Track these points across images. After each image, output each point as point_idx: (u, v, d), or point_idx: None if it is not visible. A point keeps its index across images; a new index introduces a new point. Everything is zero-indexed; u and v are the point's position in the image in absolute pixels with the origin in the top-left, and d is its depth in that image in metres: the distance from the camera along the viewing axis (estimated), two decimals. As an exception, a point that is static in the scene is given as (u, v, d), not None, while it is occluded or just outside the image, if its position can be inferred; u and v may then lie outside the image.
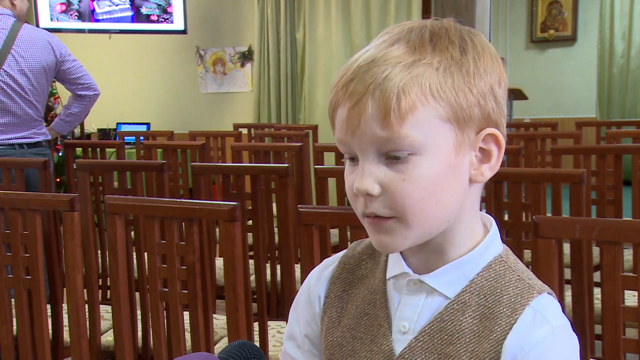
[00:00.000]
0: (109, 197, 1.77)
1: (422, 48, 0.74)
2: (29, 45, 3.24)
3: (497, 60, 0.78)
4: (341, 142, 0.77)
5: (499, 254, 0.81)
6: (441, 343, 0.78)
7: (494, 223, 0.83)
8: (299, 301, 0.93)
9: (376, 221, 0.76)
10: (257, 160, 3.32)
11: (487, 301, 0.78)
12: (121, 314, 1.75)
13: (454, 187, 0.75)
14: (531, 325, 0.75)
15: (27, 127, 3.29)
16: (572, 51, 7.96)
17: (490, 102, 0.76)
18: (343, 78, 0.76)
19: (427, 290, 0.80)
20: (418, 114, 0.72)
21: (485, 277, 0.79)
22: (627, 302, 1.36)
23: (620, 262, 1.29)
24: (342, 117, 0.75)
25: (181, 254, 1.66)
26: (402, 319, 0.81)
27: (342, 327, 0.86)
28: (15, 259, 1.80)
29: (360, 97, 0.73)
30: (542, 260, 1.35)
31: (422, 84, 0.72)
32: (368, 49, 0.77)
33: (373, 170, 0.74)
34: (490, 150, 0.77)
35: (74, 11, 6.25)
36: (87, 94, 3.46)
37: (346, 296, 0.88)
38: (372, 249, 0.88)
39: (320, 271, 0.92)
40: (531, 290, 0.78)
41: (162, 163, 2.47)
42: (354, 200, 0.77)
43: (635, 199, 2.77)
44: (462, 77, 0.73)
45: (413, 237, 0.76)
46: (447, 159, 0.74)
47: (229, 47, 6.89)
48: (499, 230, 0.83)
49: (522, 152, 2.81)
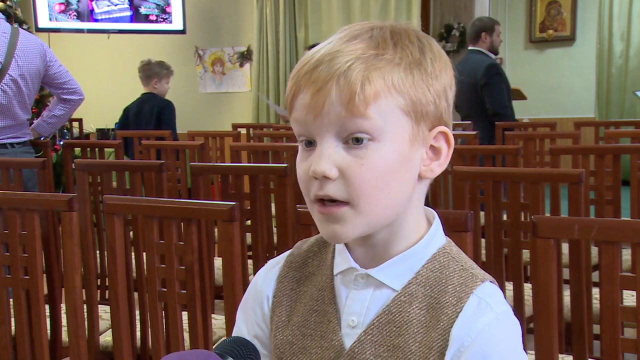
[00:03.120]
0: (108, 197, 1.77)
1: (384, 44, 0.77)
2: (28, 50, 3.28)
3: (450, 66, 0.82)
4: (299, 123, 0.78)
5: (442, 246, 0.83)
6: (390, 335, 0.80)
7: (437, 216, 0.85)
8: (246, 302, 0.93)
9: (328, 209, 0.77)
10: (255, 160, 3.31)
11: (433, 291, 0.80)
12: (120, 314, 1.75)
13: (405, 179, 0.78)
14: (476, 313, 0.78)
15: (19, 128, 3.35)
16: (570, 51, 7.96)
17: (443, 103, 0.79)
18: (305, 67, 0.77)
19: (375, 284, 0.82)
20: (380, 102, 0.75)
21: (430, 268, 0.81)
22: (626, 302, 1.36)
23: (618, 262, 1.29)
24: (303, 101, 0.77)
25: (180, 254, 1.66)
26: (350, 314, 0.83)
27: (292, 325, 0.87)
28: (13, 259, 1.80)
29: (324, 83, 0.75)
30: (540, 260, 1.35)
31: (385, 77, 0.75)
32: (330, 41, 0.79)
33: (331, 153, 0.76)
34: (440, 147, 0.80)
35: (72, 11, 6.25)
36: (71, 98, 3.51)
37: (294, 294, 0.88)
38: (318, 246, 0.90)
39: (266, 271, 0.93)
40: (474, 279, 0.80)
41: (160, 163, 2.47)
42: (308, 184, 0.78)
43: (634, 199, 2.77)
44: (421, 75, 0.77)
45: (362, 226, 0.78)
46: (402, 150, 0.77)
47: (228, 47, 6.90)
48: (442, 224, 0.86)
49: (520, 152, 2.81)
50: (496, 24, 4.64)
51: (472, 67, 4.41)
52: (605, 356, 1.34)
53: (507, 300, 0.82)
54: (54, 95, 3.59)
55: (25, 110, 3.35)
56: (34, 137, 3.54)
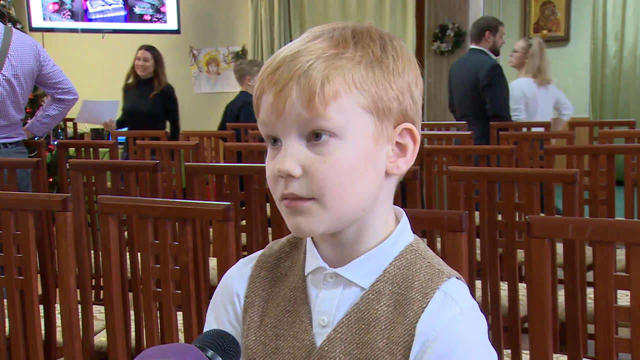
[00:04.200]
0: (102, 197, 1.77)
1: (345, 43, 0.78)
2: (21, 50, 3.28)
3: (415, 64, 0.82)
4: (264, 124, 0.80)
5: (409, 243, 0.84)
6: (359, 332, 0.81)
7: (404, 214, 0.86)
8: (216, 301, 0.93)
9: (293, 203, 0.78)
10: (250, 160, 3.31)
11: (400, 288, 0.81)
12: (114, 314, 1.75)
13: (371, 176, 0.79)
14: (441, 307, 0.79)
15: (13, 128, 3.35)
16: (565, 51, 7.98)
17: (408, 100, 0.80)
18: (268, 68, 0.79)
19: (344, 282, 0.83)
20: (341, 101, 0.76)
21: (397, 265, 0.82)
22: (620, 302, 1.36)
23: (612, 261, 1.30)
24: (267, 102, 0.78)
25: (174, 254, 1.66)
26: (321, 313, 0.84)
27: (264, 326, 0.87)
28: (7, 259, 1.79)
29: (285, 84, 0.76)
30: (535, 260, 1.36)
31: (345, 75, 0.76)
32: (292, 43, 0.81)
33: (295, 152, 0.77)
34: (406, 144, 0.81)
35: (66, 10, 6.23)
36: (66, 98, 3.52)
37: (266, 295, 0.89)
38: (290, 246, 0.91)
39: (238, 270, 0.93)
40: (441, 275, 0.81)
41: (155, 163, 2.46)
42: (275, 183, 0.80)
43: (628, 199, 2.78)
44: (382, 72, 0.78)
45: (329, 221, 0.78)
46: (366, 147, 0.77)
47: (223, 47, 6.89)
48: (410, 222, 0.87)
49: (515, 152, 2.81)
50: (500, 24, 4.63)
51: (475, 66, 4.41)
52: (599, 356, 1.34)
53: (473, 297, 0.82)
54: (47, 95, 3.59)
55: (18, 110, 3.34)
56: (28, 137, 3.53)
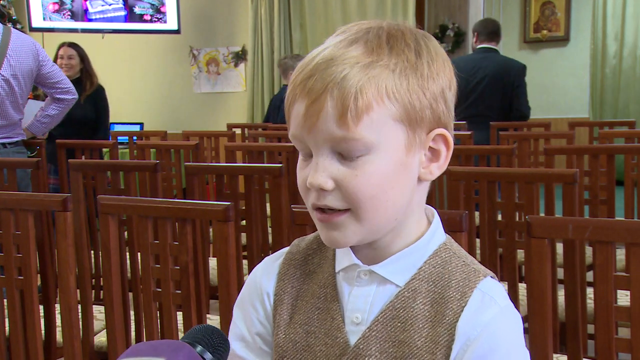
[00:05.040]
0: (102, 197, 1.77)
1: (380, 49, 0.76)
2: (20, 50, 3.28)
3: (449, 65, 0.81)
4: (296, 138, 0.79)
5: (443, 242, 0.84)
6: (395, 330, 0.81)
7: (436, 214, 0.86)
8: (244, 300, 0.93)
9: (326, 217, 0.78)
10: (250, 160, 3.31)
11: (437, 287, 0.81)
12: (114, 314, 1.75)
13: (404, 185, 0.78)
14: (481, 307, 0.79)
15: (12, 128, 3.35)
16: (565, 52, 7.98)
17: (441, 105, 0.79)
18: (301, 74, 0.78)
19: (378, 280, 0.83)
20: (373, 115, 0.74)
21: (432, 264, 0.82)
22: (620, 302, 1.36)
23: (612, 261, 1.30)
24: (299, 112, 0.77)
25: (175, 254, 1.66)
26: (354, 311, 0.83)
27: (294, 323, 0.87)
28: (7, 259, 1.79)
29: (318, 95, 0.75)
30: (535, 260, 1.36)
31: (379, 85, 0.75)
32: (326, 47, 0.79)
33: (327, 166, 0.76)
34: (439, 150, 0.80)
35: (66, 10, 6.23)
36: (65, 97, 3.52)
37: (296, 292, 0.89)
38: (317, 244, 0.90)
39: (265, 268, 0.92)
40: (477, 274, 0.82)
41: (155, 163, 2.46)
42: (306, 192, 0.79)
43: (628, 199, 2.78)
44: (417, 80, 0.76)
45: (362, 233, 0.79)
46: (398, 158, 0.77)
47: (223, 47, 6.88)
48: (441, 222, 0.87)
49: (515, 152, 2.81)
50: None
51: (503, 67, 4.51)
52: (599, 356, 1.34)
53: (507, 294, 0.83)
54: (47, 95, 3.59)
55: (17, 110, 3.34)
56: (27, 137, 3.53)
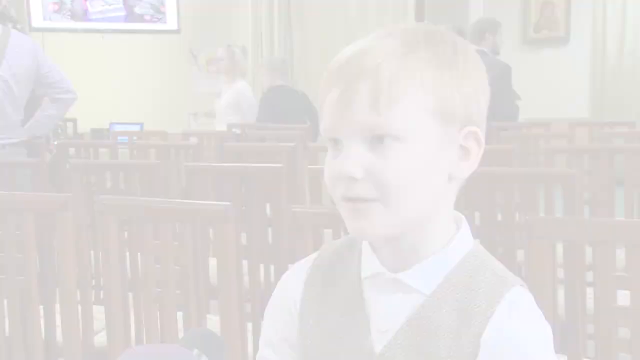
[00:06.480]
0: (102, 197, 1.77)
1: (416, 43, 0.76)
2: (18, 50, 3.27)
3: (484, 72, 0.80)
4: (328, 124, 0.78)
5: (470, 250, 0.82)
6: (420, 340, 0.79)
7: (464, 219, 0.84)
8: (274, 307, 0.92)
9: (358, 204, 0.76)
10: (250, 160, 3.31)
11: (463, 296, 0.79)
12: (114, 314, 1.75)
13: (434, 179, 0.77)
14: (507, 318, 0.77)
15: (11, 129, 3.33)
16: (565, 51, 7.97)
17: (474, 104, 0.78)
18: (337, 63, 0.78)
19: (404, 288, 0.81)
20: (407, 103, 0.74)
21: (459, 272, 0.80)
22: (620, 302, 1.36)
23: (612, 262, 1.30)
24: (332, 99, 0.77)
25: (175, 255, 1.66)
26: (380, 318, 0.82)
27: (320, 329, 0.86)
28: (7, 259, 1.79)
29: (353, 82, 0.75)
30: (535, 261, 1.36)
31: (414, 76, 0.74)
32: (360, 41, 0.79)
33: (357, 154, 0.76)
34: (470, 148, 0.79)
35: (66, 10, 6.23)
36: (64, 97, 3.50)
37: (322, 298, 0.87)
38: (344, 250, 0.88)
39: (294, 275, 0.92)
40: (505, 284, 0.79)
41: (155, 163, 2.46)
42: (334, 183, 0.78)
43: (628, 199, 2.78)
44: (452, 75, 0.76)
45: (391, 224, 0.77)
46: (429, 151, 0.76)
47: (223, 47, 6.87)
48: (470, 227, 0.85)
49: (515, 152, 2.81)
50: (498, 24, 4.71)
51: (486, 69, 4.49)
52: (599, 356, 1.34)
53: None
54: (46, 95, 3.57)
55: (16, 111, 3.32)
56: (27, 138, 3.52)
